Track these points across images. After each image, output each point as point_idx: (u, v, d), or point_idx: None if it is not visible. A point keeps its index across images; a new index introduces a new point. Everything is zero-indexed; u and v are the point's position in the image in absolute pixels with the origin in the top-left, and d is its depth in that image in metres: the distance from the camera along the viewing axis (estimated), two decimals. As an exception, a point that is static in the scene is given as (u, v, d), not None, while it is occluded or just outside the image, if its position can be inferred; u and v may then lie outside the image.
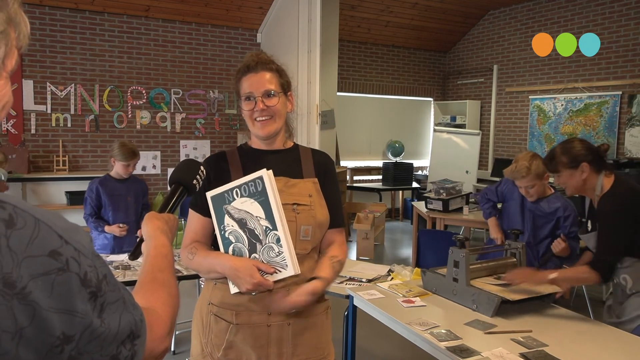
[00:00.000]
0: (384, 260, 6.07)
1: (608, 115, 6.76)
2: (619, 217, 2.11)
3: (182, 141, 7.05)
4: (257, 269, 1.41)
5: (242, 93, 1.55)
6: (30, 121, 6.17)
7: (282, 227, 1.41)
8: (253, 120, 1.54)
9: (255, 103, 1.52)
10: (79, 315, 0.59)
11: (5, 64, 0.65)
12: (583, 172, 2.23)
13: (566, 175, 2.28)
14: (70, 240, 0.61)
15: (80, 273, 0.60)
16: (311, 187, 1.57)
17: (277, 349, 1.50)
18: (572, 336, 1.99)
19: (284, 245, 1.41)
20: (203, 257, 1.51)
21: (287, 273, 1.42)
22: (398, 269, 2.87)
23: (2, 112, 0.68)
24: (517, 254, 2.54)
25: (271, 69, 1.55)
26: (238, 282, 1.42)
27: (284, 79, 1.59)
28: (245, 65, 1.56)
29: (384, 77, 8.69)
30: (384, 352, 3.63)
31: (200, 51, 7.09)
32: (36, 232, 0.58)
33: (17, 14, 0.65)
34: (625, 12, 6.57)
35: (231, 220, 1.48)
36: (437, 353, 1.91)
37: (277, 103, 1.53)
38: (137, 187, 3.66)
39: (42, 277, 0.57)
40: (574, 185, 2.29)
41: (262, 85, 1.52)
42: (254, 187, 1.44)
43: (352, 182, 8.33)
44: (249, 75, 1.54)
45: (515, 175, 2.93)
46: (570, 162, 2.25)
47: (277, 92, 1.53)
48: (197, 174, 1.29)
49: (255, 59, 1.56)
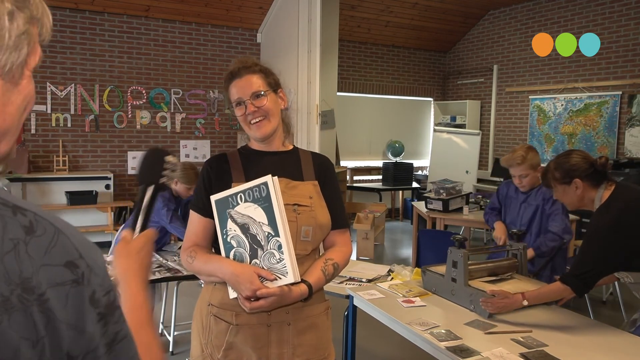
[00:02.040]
0: (384, 260, 6.07)
1: (608, 115, 6.76)
2: (605, 232, 2.01)
3: (182, 141, 7.05)
4: (258, 275, 1.41)
5: (232, 100, 1.57)
6: (30, 121, 6.17)
7: (285, 234, 1.41)
8: (248, 123, 1.56)
9: (246, 107, 1.54)
10: (87, 335, 0.57)
11: (28, 62, 0.63)
12: (577, 188, 2.14)
13: (560, 191, 2.21)
14: (84, 255, 0.59)
15: (89, 290, 0.58)
16: (312, 189, 1.57)
17: (277, 350, 1.49)
18: (572, 336, 1.99)
19: (286, 252, 1.41)
20: (204, 262, 1.51)
21: (287, 280, 1.42)
22: (398, 269, 2.88)
23: (25, 111, 0.66)
24: (518, 254, 2.54)
25: (254, 70, 1.57)
26: (238, 288, 1.42)
27: (271, 77, 1.59)
28: (229, 73, 1.59)
29: (384, 77, 8.69)
30: (384, 352, 3.63)
31: (200, 51, 7.09)
32: (54, 241, 0.57)
33: (38, 8, 0.63)
34: (625, 12, 6.57)
35: (234, 225, 1.48)
36: (437, 353, 1.91)
37: (267, 102, 1.54)
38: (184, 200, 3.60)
39: (58, 287, 0.56)
40: (568, 202, 2.21)
41: (249, 88, 1.54)
42: (258, 193, 1.44)
43: (352, 182, 8.33)
44: (235, 81, 1.56)
45: (510, 163, 2.96)
46: (563, 177, 2.16)
47: (265, 92, 1.54)
48: (163, 167, 1.14)
49: (239, 64, 1.58)
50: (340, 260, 1.59)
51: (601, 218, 2.05)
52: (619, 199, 2.07)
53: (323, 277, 1.53)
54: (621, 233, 1.99)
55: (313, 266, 1.54)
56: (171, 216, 3.36)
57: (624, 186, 2.15)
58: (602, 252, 2.02)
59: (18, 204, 0.58)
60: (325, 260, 1.56)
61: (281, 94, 1.62)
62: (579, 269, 2.04)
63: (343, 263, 1.61)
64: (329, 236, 1.62)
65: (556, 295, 2.12)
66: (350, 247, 1.67)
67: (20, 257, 0.54)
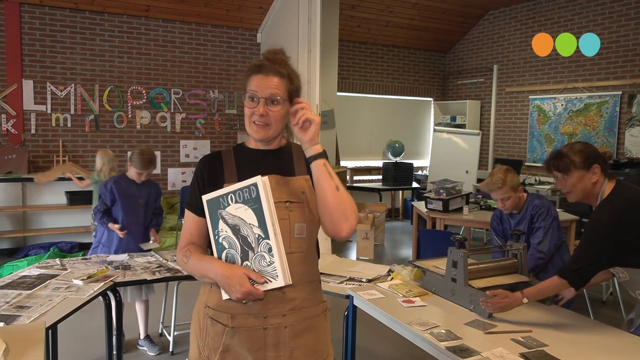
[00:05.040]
0: (384, 260, 6.07)
1: (608, 115, 6.76)
2: (605, 228, 2.01)
3: (182, 141, 7.05)
4: (248, 277, 1.40)
5: (247, 90, 1.52)
6: (30, 121, 6.17)
7: (275, 236, 1.40)
8: (251, 121, 1.53)
9: (257, 105, 1.49)
10: None
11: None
12: (594, 174, 2.12)
13: (576, 177, 2.15)
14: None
15: None
16: (303, 184, 1.54)
17: (274, 353, 1.48)
18: (572, 336, 1.99)
19: (276, 255, 1.40)
20: (197, 261, 1.50)
21: (278, 284, 1.40)
22: (398, 269, 2.87)
23: None
24: (518, 255, 2.54)
25: (282, 73, 1.50)
26: (229, 290, 1.42)
27: (294, 85, 1.53)
28: (257, 64, 1.52)
29: (384, 77, 8.69)
30: (384, 352, 3.63)
31: (200, 51, 7.09)
32: None
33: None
34: (625, 12, 6.57)
35: (225, 226, 1.46)
36: (437, 353, 1.91)
37: (278, 111, 1.49)
38: (150, 191, 3.64)
39: None
40: (582, 189, 2.16)
41: (269, 89, 1.48)
42: (248, 194, 1.42)
43: (352, 182, 8.33)
44: (258, 75, 1.50)
45: (491, 187, 2.96)
46: (584, 161, 2.13)
47: (282, 100, 1.49)
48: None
49: (271, 57, 1.52)
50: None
51: (602, 213, 2.06)
52: (620, 195, 2.09)
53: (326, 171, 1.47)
54: (621, 229, 2.00)
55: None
56: (99, 209, 3.52)
57: (624, 183, 2.16)
58: (600, 247, 2.03)
59: None
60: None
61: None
62: (577, 263, 2.05)
63: (350, 197, 1.51)
64: None
65: (555, 289, 2.13)
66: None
67: None
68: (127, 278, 2.76)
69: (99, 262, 3.09)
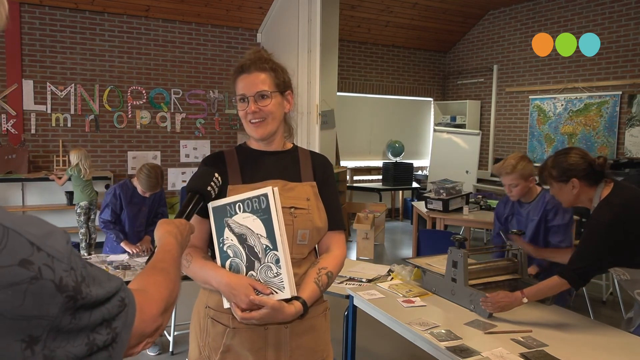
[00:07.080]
0: (384, 260, 6.07)
1: (608, 115, 6.76)
2: (604, 228, 2.02)
3: (182, 141, 7.05)
4: (253, 288, 1.38)
5: (237, 93, 1.53)
6: (30, 121, 6.17)
7: (283, 248, 1.38)
8: (247, 121, 1.53)
9: (248, 104, 1.50)
10: (48, 318, 0.58)
11: None
12: (574, 187, 2.14)
13: (556, 188, 2.21)
14: (43, 246, 0.59)
15: (55, 279, 0.59)
16: (309, 190, 1.54)
17: (274, 352, 1.48)
18: (572, 336, 1.99)
19: (283, 267, 1.38)
20: (199, 268, 1.47)
21: (284, 295, 1.39)
22: (398, 269, 2.87)
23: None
24: (518, 255, 2.54)
25: (265, 68, 1.51)
26: (233, 300, 1.39)
27: (281, 77, 1.54)
28: (239, 65, 1.53)
29: (384, 77, 8.69)
30: (384, 352, 3.63)
31: (200, 51, 7.09)
32: (4, 242, 0.56)
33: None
34: (625, 12, 6.57)
35: (231, 234, 1.44)
36: (437, 353, 1.91)
37: (270, 104, 1.50)
38: (154, 197, 3.71)
39: (12, 287, 0.55)
40: (564, 199, 2.22)
41: (255, 87, 1.49)
42: (257, 204, 1.40)
43: (352, 182, 8.33)
44: (242, 76, 1.51)
45: (500, 171, 2.93)
46: (559, 175, 2.16)
47: (271, 93, 1.50)
48: (212, 181, 1.39)
49: (252, 57, 1.53)
50: (334, 268, 1.53)
51: (601, 214, 2.07)
52: (619, 195, 2.09)
53: (317, 290, 1.47)
54: (620, 229, 2.01)
55: (306, 279, 1.48)
56: (109, 220, 3.51)
57: (622, 184, 2.17)
58: (600, 247, 2.04)
59: None
60: (319, 270, 1.50)
61: (288, 96, 1.57)
62: (577, 263, 2.06)
63: (337, 270, 1.55)
64: (325, 237, 1.58)
65: (554, 289, 2.13)
66: (344, 249, 1.60)
67: None
68: (127, 278, 2.76)
69: (99, 262, 3.09)
